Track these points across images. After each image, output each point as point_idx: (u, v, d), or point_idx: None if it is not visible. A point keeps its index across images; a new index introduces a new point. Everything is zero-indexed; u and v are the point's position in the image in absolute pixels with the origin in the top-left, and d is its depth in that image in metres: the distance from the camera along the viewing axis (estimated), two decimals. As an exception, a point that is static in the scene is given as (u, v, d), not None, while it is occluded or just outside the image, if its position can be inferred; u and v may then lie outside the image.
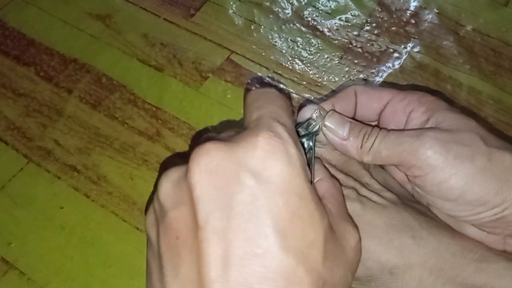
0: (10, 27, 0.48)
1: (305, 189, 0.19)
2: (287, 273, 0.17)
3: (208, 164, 0.18)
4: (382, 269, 0.26)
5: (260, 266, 0.17)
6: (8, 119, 0.42)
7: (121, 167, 0.39)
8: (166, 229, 0.19)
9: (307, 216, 0.19)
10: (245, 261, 0.17)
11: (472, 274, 0.24)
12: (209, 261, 0.17)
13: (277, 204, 0.18)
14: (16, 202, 0.37)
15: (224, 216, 0.18)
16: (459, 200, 0.25)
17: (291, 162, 0.19)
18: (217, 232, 0.17)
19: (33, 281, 0.34)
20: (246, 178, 0.18)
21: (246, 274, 0.17)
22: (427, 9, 0.49)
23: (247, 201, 0.18)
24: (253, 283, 0.17)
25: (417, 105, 0.27)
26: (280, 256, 0.17)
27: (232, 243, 0.17)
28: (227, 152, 0.19)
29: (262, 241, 0.17)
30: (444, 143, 0.24)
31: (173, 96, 0.43)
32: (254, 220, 0.18)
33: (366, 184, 0.29)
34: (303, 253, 0.18)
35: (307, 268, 0.18)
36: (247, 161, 0.18)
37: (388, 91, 0.28)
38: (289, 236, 0.18)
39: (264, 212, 0.18)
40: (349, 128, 0.27)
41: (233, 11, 0.49)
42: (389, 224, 0.26)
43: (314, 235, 0.19)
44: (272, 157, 0.19)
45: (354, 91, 0.29)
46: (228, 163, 0.18)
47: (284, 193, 0.18)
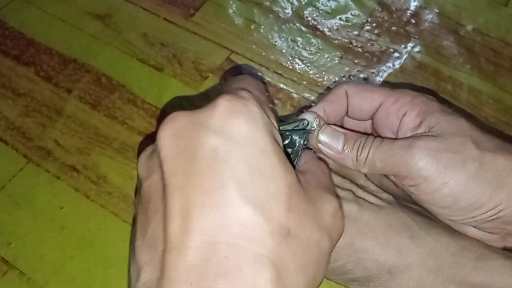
0: (10, 27, 0.48)
1: (266, 144, 0.19)
2: (245, 221, 0.17)
3: (173, 128, 0.19)
4: (380, 269, 0.26)
5: (218, 215, 0.17)
6: (8, 119, 0.42)
7: (121, 167, 0.39)
8: (141, 198, 0.20)
9: (268, 169, 0.19)
10: (203, 211, 0.17)
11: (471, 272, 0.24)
12: (170, 215, 0.18)
13: (236, 157, 0.18)
14: (16, 202, 0.37)
15: (185, 172, 0.18)
16: (453, 207, 0.25)
17: (252, 118, 0.19)
18: (179, 188, 0.18)
19: (33, 281, 0.34)
20: (205, 135, 0.19)
21: (205, 223, 0.17)
22: (427, 9, 0.49)
23: (206, 156, 0.18)
24: (210, 231, 0.17)
25: (409, 108, 0.27)
26: (237, 205, 0.17)
27: (191, 196, 0.18)
28: (190, 116, 0.20)
29: (221, 192, 0.18)
30: (434, 152, 0.24)
31: (173, 95, 0.43)
32: (213, 173, 0.18)
33: (362, 186, 0.29)
34: (262, 203, 0.18)
35: (266, 216, 0.18)
36: (207, 121, 0.19)
37: (380, 92, 0.28)
38: (247, 187, 0.18)
39: (223, 165, 0.18)
40: (343, 141, 0.27)
41: (233, 11, 0.49)
42: (387, 225, 0.26)
43: (275, 187, 0.19)
44: (232, 115, 0.19)
45: (345, 92, 0.29)
46: (190, 125, 0.19)
47: (244, 146, 0.19)
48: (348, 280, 0.28)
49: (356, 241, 0.26)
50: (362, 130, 0.30)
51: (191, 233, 0.17)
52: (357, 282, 0.27)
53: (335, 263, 0.27)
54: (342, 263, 0.27)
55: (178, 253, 0.17)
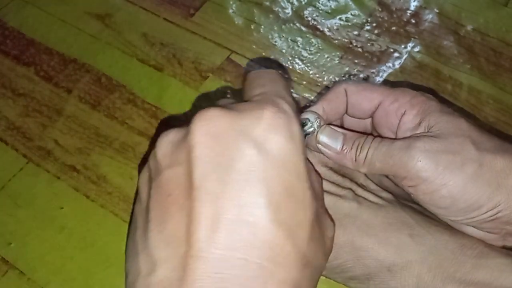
0: (10, 27, 0.48)
1: (302, 169, 0.19)
2: (275, 245, 0.17)
3: (211, 128, 0.19)
4: (380, 267, 0.26)
5: (249, 233, 0.17)
6: (8, 119, 0.42)
7: (121, 167, 0.39)
8: (159, 187, 0.19)
9: (301, 196, 0.19)
10: (234, 226, 0.17)
11: (470, 270, 0.25)
12: (199, 220, 0.17)
13: (274, 178, 0.18)
14: (16, 202, 0.37)
15: (220, 180, 0.18)
16: (452, 207, 0.25)
17: (293, 139, 0.19)
18: (211, 194, 0.18)
19: (33, 281, 0.34)
20: (247, 147, 0.18)
21: (234, 239, 0.17)
22: (427, 9, 0.49)
23: (244, 169, 0.18)
24: (239, 248, 0.17)
25: (408, 107, 0.27)
26: (270, 227, 0.17)
27: (224, 207, 0.17)
28: (231, 119, 0.19)
29: (254, 210, 0.17)
30: (433, 154, 0.24)
31: (173, 96, 0.43)
32: (249, 188, 0.18)
33: (362, 185, 0.29)
34: (292, 230, 0.18)
35: (294, 244, 0.18)
36: (250, 131, 0.18)
37: (379, 92, 0.28)
38: (281, 211, 0.18)
39: (260, 182, 0.18)
40: (342, 141, 0.27)
41: (233, 11, 0.49)
42: (386, 223, 0.27)
43: (304, 215, 0.19)
44: (276, 131, 0.19)
45: (344, 91, 0.29)
46: (231, 130, 0.19)
47: (282, 168, 0.18)
48: (348, 278, 0.28)
49: (356, 239, 0.26)
50: (362, 128, 0.30)
51: (221, 245, 0.17)
52: (356, 280, 0.27)
53: (335, 261, 0.27)
54: (342, 261, 0.27)
55: (206, 262, 0.17)
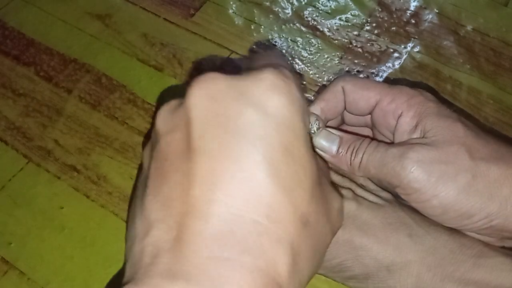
0: (10, 27, 0.48)
1: (301, 131, 0.19)
2: (272, 201, 0.17)
3: (209, 89, 0.18)
4: (379, 266, 0.26)
5: (246, 189, 0.17)
6: (8, 119, 0.42)
7: (121, 167, 0.39)
8: (157, 154, 0.19)
9: (298, 156, 0.18)
10: (231, 183, 0.17)
11: (470, 269, 0.25)
12: (196, 179, 0.17)
13: (272, 136, 0.18)
14: (16, 202, 0.37)
15: (217, 138, 0.17)
16: (443, 216, 0.25)
17: (293, 101, 0.19)
18: (208, 153, 0.17)
19: (33, 281, 0.34)
20: (245, 106, 0.18)
21: (231, 195, 0.17)
22: (427, 9, 0.49)
23: (242, 127, 0.18)
24: (236, 204, 0.17)
25: (405, 108, 0.27)
26: (267, 184, 0.17)
27: (221, 164, 0.17)
28: (230, 81, 0.19)
29: (252, 166, 0.17)
30: (426, 164, 0.24)
31: (173, 96, 0.43)
32: (246, 145, 0.17)
33: (362, 185, 0.29)
34: (291, 187, 0.18)
35: (292, 202, 0.18)
36: (249, 91, 0.18)
37: (376, 90, 0.28)
38: (278, 168, 0.18)
39: (258, 139, 0.17)
40: (338, 144, 0.27)
41: (233, 11, 0.49)
42: (386, 223, 0.27)
43: (303, 175, 0.18)
44: (276, 92, 0.19)
45: (341, 89, 0.28)
46: (229, 91, 0.18)
47: (281, 127, 0.18)
48: (347, 277, 0.28)
49: (355, 239, 0.26)
50: (363, 123, 0.30)
51: (216, 201, 0.17)
52: (355, 279, 0.27)
53: (334, 260, 0.27)
54: (341, 260, 0.27)
55: (201, 219, 0.16)
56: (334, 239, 0.26)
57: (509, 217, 0.24)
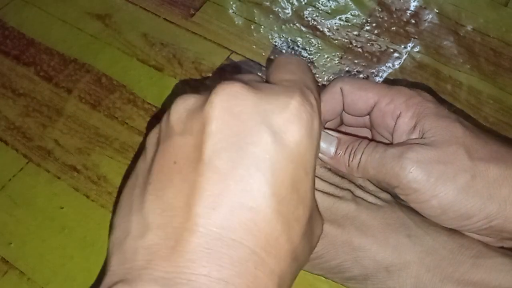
0: (9, 27, 0.48)
1: (312, 167, 0.19)
2: (272, 235, 0.17)
3: (232, 104, 0.18)
4: (378, 267, 0.26)
5: (249, 219, 0.17)
6: (8, 119, 0.42)
7: (121, 167, 0.39)
8: (166, 151, 0.19)
9: (303, 192, 0.19)
10: (236, 209, 0.17)
11: (469, 270, 0.25)
12: (201, 195, 0.17)
13: (284, 170, 0.18)
14: (16, 202, 0.37)
15: (230, 160, 0.17)
16: (442, 216, 0.25)
17: (312, 136, 0.19)
18: (218, 172, 0.17)
19: (33, 281, 0.34)
20: (265, 132, 0.18)
21: (232, 221, 0.17)
22: (427, 9, 0.49)
23: (257, 155, 0.18)
24: (236, 231, 0.17)
25: (404, 109, 0.27)
26: (270, 218, 0.17)
27: (229, 188, 0.17)
28: (256, 101, 0.18)
29: (259, 198, 0.17)
30: (425, 164, 0.24)
31: (173, 96, 0.43)
32: (258, 175, 0.17)
33: (361, 186, 0.29)
34: (290, 224, 0.18)
35: (288, 238, 0.18)
36: (273, 118, 0.18)
37: (374, 91, 0.28)
38: (283, 203, 0.18)
39: (270, 171, 0.18)
40: (336, 146, 0.27)
41: (233, 11, 0.49)
42: (384, 224, 0.27)
43: (303, 211, 0.19)
44: (298, 124, 0.18)
45: (340, 90, 0.28)
46: (253, 112, 0.18)
47: (295, 162, 0.18)
48: (346, 278, 0.28)
49: (354, 240, 0.26)
50: (362, 123, 0.30)
51: (219, 225, 0.17)
52: (354, 280, 0.27)
53: (333, 261, 0.27)
54: (340, 261, 0.27)
55: (201, 238, 0.17)
56: (333, 240, 0.26)
57: (508, 218, 0.24)
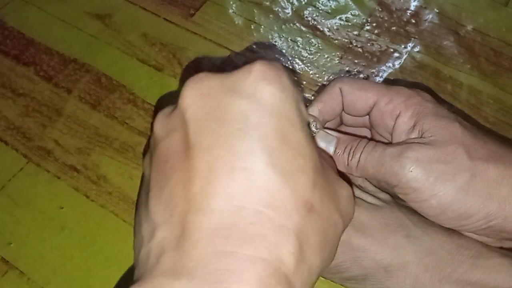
0: (9, 26, 0.48)
1: (296, 118, 0.19)
2: (272, 189, 0.17)
3: (201, 88, 0.19)
4: (377, 267, 0.26)
5: (245, 179, 0.17)
6: (8, 119, 0.42)
7: (121, 167, 0.39)
8: (157, 158, 0.19)
9: (296, 142, 0.18)
10: (230, 174, 0.17)
11: (468, 270, 0.25)
12: (195, 175, 0.17)
13: (267, 124, 0.18)
14: (16, 202, 0.37)
15: (214, 133, 0.18)
16: (441, 216, 0.25)
17: (284, 89, 0.19)
18: (205, 148, 0.17)
19: (33, 281, 0.34)
20: (238, 98, 0.18)
21: (232, 186, 0.17)
22: (427, 9, 0.49)
23: (237, 119, 0.18)
24: (236, 195, 0.17)
25: (403, 108, 0.26)
26: (266, 172, 0.17)
27: (219, 158, 0.17)
28: (221, 78, 0.19)
29: (250, 156, 0.17)
30: (425, 164, 0.24)
31: (172, 97, 0.43)
32: (243, 137, 0.17)
33: (360, 186, 0.29)
34: (291, 174, 0.18)
35: (293, 188, 0.18)
36: (240, 84, 0.19)
37: (373, 91, 0.28)
38: (276, 156, 0.18)
39: (253, 130, 0.18)
40: (335, 145, 0.27)
41: (233, 11, 0.49)
42: (383, 224, 0.27)
43: (303, 161, 0.18)
44: (266, 81, 0.19)
45: (339, 90, 0.28)
46: (221, 87, 0.19)
47: (275, 115, 0.18)
48: (345, 278, 0.28)
49: (353, 240, 0.26)
50: (361, 124, 0.30)
51: (217, 195, 0.17)
52: (353, 280, 0.27)
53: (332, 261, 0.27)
54: (339, 262, 0.27)
55: (203, 215, 0.16)
56: None
57: (507, 218, 0.24)
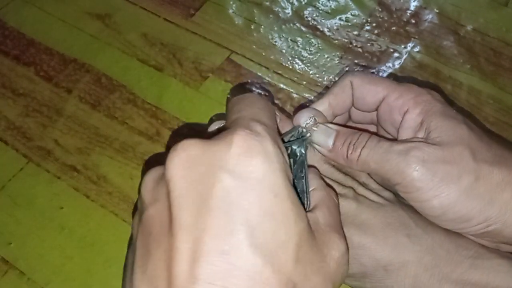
0: (10, 27, 0.48)
1: (281, 187, 0.18)
2: (253, 272, 0.17)
3: (183, 159, 0.18)
4: (376, 265, 0.26)
5: (226, 263, 0.17)
6: (8, 119, 0.42)
7: (121, 167, 0.39)
8: (143, 226, 0.19)
9: (280, 215, 0.18)
10: (211, 257, 0.17)
11: (467, 270, 0.25)
12: (177, 256, 0.17)
13: (249, 201, 0.18)
14: (16, 202, 0.37)
15: (196, 211, 0.17)
16: (441, 217, 0.25)
17: (267, 159, 0.19)
18: (188, 227, 0.17)
19: (33, 281, 0.34)
20: (219, 174, 0.18)
21: (212, 270, 0.17)
22: (427, 9, 0.49)
23: (219, 197, 0.17)
24: (216, 280, 0.17)
25: (412, 105, 0.26)
26: (246, 254, 0.17)
27: (201, 239, 0.17)
28: (203, 148, 0.19)
29: (230, 237, 0.17)
30: (431, 164, 0.24)
31: (173, 96, 0.43)
32: (224, 216, 0.17)
33: (364, 183, 0.29)
34: (272, 253, 0.17)
35: (274, 269, 0.17)
36: (221, 158, 0.18)
37: (384, 86, 0.27)
38: (258, 234, 0.17)
39: (235, 208, 0.17)
40: (334, 138, 0.27)
41: (233, 11, 0.49)
42: (385, 223, 0.27)
43: (285, 235, 0.18)
44: (247, 154, 0.18)
45: (350, 84, 0.28)
46: (203, 158, 0.18)
47: (258, 189, 0.18)
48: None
49: (354, 238, 0.26)
50: (369, 120, 0.30)
51: (198, 279, 0.16)
52: (352, 278, 0.27)
53: None
54: None
55: None
56: None
57: (506, 223, 0.24)
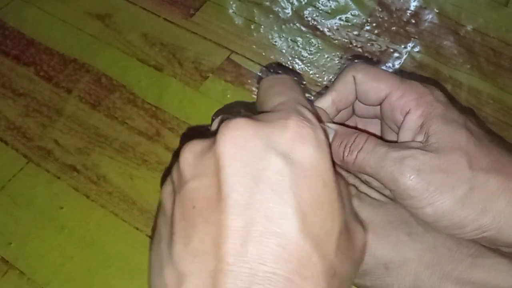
0: (10, 27, 0.48)
1: (330, 177, 0.19)
2: (303, 257, 0.17)
3: (237, 138, 0.18)
4: (377, 263, 0.26)
5: (278, 245, 0.17)
6: (8, 119, 0.42)
7: (120, 167, 0.39)
8: (183, 199, 0.19)
9: (328, 205, 0.18)
10: (263, 238, 0.17)
11: (467, 268, 0.25)
12: (228, 233, 0.17)
13: (301, 187, 0.18)
14: (16, 202, 0.37)
15: (248, 191, 0.18)
16: (435, 223, 0.25)
17: (320, 147, 0.19)
18: (239, 205, 0.17)
19: (33, 281, 0.34)
20: (274, 156, 0.18)
21: (263, 251, 0.17)
22: (427, 9, 0.49)
23: (272, 179, 0.18)
24: (268, 261, 0.17)
25: (414, 106, 0.26)
26: (298, 239, 0.17)
27: (252, 219, 0.17)
28: (257, 129, 0.19)
29: (283, 221, 0.17)
30: (426, 173, 0.24)
31: (173, 96, 0.43)
32: (277, 199, 0.17)
33: (366, 181, 0.29)
34: (320, 240, 0.18)
35: (321, 255, 0.18)
36: (276, 141, 0.18)
37: (387, 83, 0.27)
38: (308, 221, 0.18)
39: (287, 192, 0.18)
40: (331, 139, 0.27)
41: (233, 11, 0.49)
42: (386, 221, 0.27)
43: (331, 224, 0.18)
44: (302, 140, 0.19)
45: (352, 79, 0.28)
46: (257, 139, 0.18)
47: (310, 176, 0.18)
48: None
49: None
50: (373, 114, 0.30)
51: (249, 259, 0.17)
52: None
53: None
54: None
55: (235, 277, 0.17)
56: None
57: (501, 230, 0.24)
